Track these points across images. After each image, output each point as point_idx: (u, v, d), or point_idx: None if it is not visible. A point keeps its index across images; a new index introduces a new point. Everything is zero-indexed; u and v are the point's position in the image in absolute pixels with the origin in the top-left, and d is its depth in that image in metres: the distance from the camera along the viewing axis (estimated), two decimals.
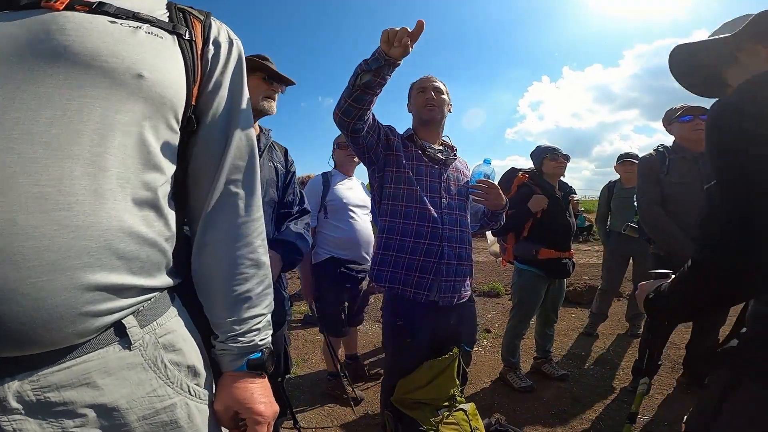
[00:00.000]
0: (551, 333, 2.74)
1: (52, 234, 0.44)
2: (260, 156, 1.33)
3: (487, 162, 1.62)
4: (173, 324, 0.59)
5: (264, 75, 1.39)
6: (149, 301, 0.56)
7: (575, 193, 2.66)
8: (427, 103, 1.60)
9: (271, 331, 0.71)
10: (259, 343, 0.67)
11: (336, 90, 1.52)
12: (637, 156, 3.20)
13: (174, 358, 0.57)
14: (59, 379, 0.46)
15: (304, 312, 4.17)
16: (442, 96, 1.64)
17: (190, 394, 0.58)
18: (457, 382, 1.59)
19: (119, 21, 0.54)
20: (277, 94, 1.44)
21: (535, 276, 2.50)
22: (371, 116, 1.44)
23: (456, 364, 1.56)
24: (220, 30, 0.67)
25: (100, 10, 0.53)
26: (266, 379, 0.68)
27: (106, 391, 0.49)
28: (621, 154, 3.44)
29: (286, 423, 1.97)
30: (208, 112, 0.63)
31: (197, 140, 0.63)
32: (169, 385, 0.55)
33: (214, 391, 0.64)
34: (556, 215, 2.45)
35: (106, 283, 0.48)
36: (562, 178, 2.63)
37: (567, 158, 2.53)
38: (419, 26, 1.15)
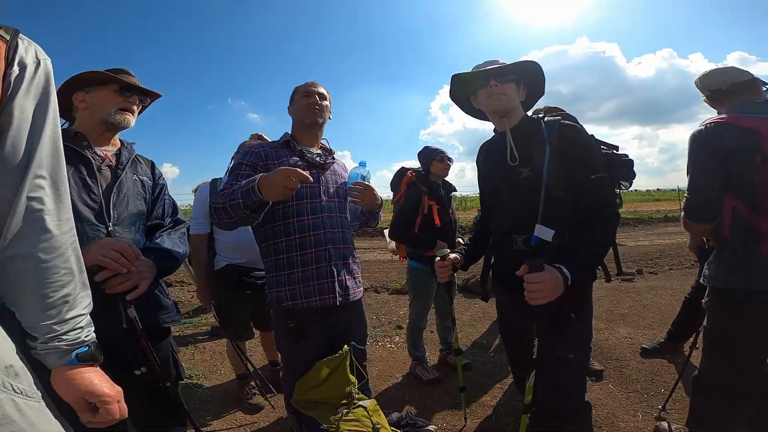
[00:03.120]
0: (449, 324, 2.85)
1: None
2: (122, 170, 1.33)
3: (362, 164, 1.68)
4: None
5: (117, 87, 1.36)
6: None
7: (456, 190, 2.85)
8: (311, 107, 1.63)
9: (93, 328, 0.80)
10: (85, 338, 0.77)
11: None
12: None
13: None
14: None
15: (211, 324, 3.93)
16: (325, 102, 1.67)
17: (15, 392, 0.62)
18: (353, 379, 1.59)
19: None
20: (135, 107, 1.40)
21: (425, 272, 2.62)
22: None
23: (348, 361, 1.56)
24: (27, 50, 0.69)
25: None
26: (98, 367, 0.81)
27: None
28: None
29: None
30: (8, 132, 0.66)
31: None
32: None
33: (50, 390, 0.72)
34: (440, 213, 2.57)
35: None
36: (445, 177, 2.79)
37: (451, 161, 2.71)
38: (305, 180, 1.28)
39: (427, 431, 2.03)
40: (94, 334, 0.80)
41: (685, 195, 1.49)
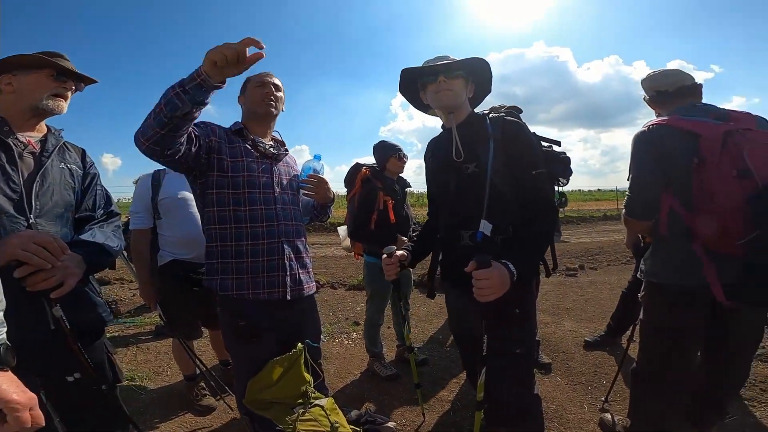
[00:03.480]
0: (407, 318, 2.89)
1: None
2: (49, 157, 1.25)
3: (317, 158, 1.67)
4: None
5: (52, 72, 1.26)
6: None
7: (410, 186, 2.86)
8: (266, 98, 1.58)
9: (5, 329, 0.77)
10: None
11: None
12: None
13: None
14: None
15: (155, 323, 3.71)
16: (280, 93, 1.64)
17: None
18: (308, 378, 1.55)
19: None
20: (69, 93, 1.31)
21: (381, 268, 2.61)
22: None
23: (302, 360, 1.53)
24: None
25: None
26: (10, 372, 0.76)
27: None
28: None
29: None
30: None
31: None
32: None
33: None
34: (395, 209, 2.57)
35: None
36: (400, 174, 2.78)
37: (407, 158, 2.71)
38: (256, 45, 1.06)
39: (386, 428, 2.02)
40: (4, 336, 0.77)
41: (627, 193, 1.56)
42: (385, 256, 1.58)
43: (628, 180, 1.77)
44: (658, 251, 1.55)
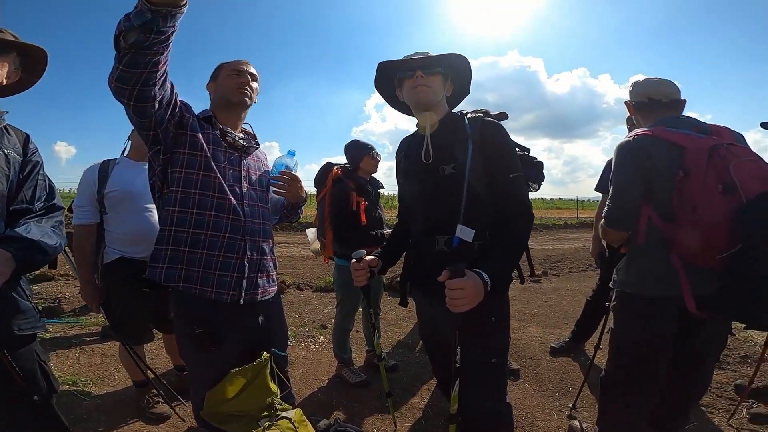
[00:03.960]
0: (377, 325, 2.84)
1: None
2: None
3: (291, 154, 1.56)
4: None
5: None
6: None
7: (383, 187, 2.80)
8: (242, 87, 1.46)
9: None
10: None
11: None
12: None
13: None
14: None
15: (101, 323, 3.43)
16: (255, 84, 1.53)
17: None
18: (274, 389, 1.44)
19: None
20: (5, 65, 1.18)
21: None
22: (168, 85, 1.20)
23: (267, 370, 1.42)
24: None
25: None
26: None
27: None
28: None
29: None
30: None
31: None
32: None
33: None
34: (367, 210, 2.50)
35: None
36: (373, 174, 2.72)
37: (380, 157, 2.62)
38: None
39: None
40: None
41: (607, 203, 1.55)
42: (354, 261, 1.48)
43: (596, 190, 1.78)
44: (634, 261, 1.55)
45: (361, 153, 2.53)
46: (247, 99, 1.49)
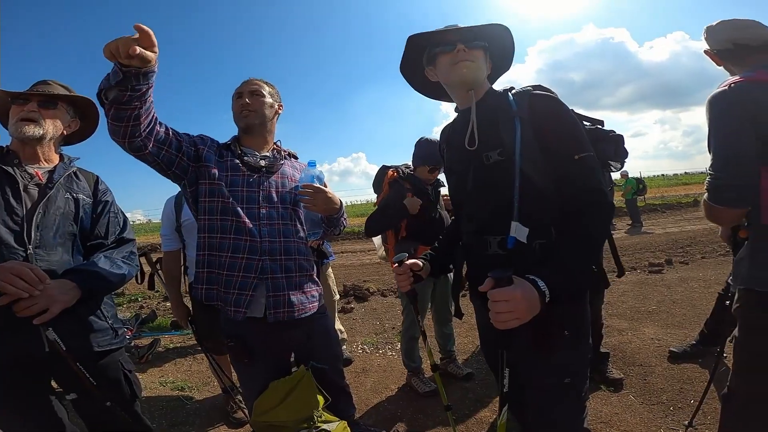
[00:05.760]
0: (449, 331, 2.67)
1: None
2: (52, 188, 1.29)
3: (311, 164, 1.50)
4: None
5: (7, 98, 1.32)
6: None
7: (444, 186, 2.57)
8: (242, 110, 1.49)
9: None
10: None
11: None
12: None
13: None
14: None
15: None
16: (262, 98, 1.51)
17: None
18: (318, 401, 1.44)
19: None
20: (37, 114, 1.31)
21: None
22: (162, 129, 1.29)
23: (307, 383, 1.43)
24: None
25: None
26: None
27: None
28: None
29: None
30: None
31: None
32: None
33: None
34: (428, 211, 2.37)
35: None
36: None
37: (439, 172, 2.45)
38: (141, 31, 0.97)
39: None
40: None
41: (708, 173, 1.19)
42: (395, 265, 1.35)
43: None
44: (759, 249, 1.18)
45: (419, 161, 2.44)
46: (254, 120, 1.50)
